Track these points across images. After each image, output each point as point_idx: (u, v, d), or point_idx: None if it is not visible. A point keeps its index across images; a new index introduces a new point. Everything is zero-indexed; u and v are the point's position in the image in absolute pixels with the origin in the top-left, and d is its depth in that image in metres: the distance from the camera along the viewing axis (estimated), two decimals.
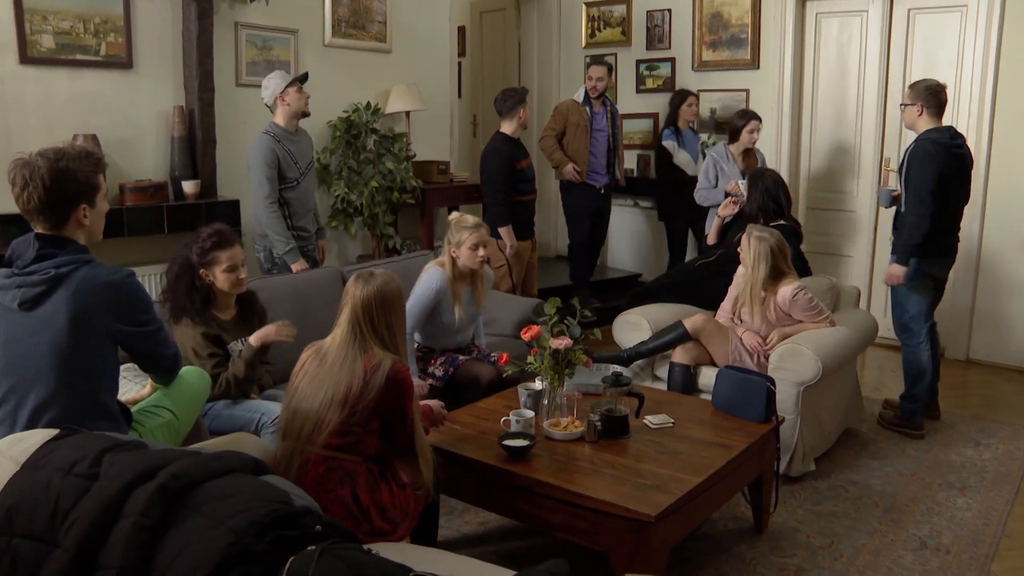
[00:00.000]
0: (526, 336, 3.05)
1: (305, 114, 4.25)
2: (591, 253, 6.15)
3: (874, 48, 5.60)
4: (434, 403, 2.87)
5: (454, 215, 3.71)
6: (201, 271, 3.04)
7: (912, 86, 4.09)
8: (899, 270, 4.00)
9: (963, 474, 3.77)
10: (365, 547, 1.46)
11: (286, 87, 4.14)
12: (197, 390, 2.58)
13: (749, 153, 5.22)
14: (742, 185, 4.81)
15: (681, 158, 6.02)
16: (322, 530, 1.44)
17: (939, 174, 3.91)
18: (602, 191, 5.96)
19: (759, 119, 5.18)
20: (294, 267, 4.18)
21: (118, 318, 2.19)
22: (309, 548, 1.31)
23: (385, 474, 2.49)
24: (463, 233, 3.60)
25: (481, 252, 3.62)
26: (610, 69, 5.93)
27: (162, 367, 2.41)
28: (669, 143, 6.05)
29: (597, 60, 6.09)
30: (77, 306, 2.12)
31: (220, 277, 3.05)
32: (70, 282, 2.13)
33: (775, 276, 3.81)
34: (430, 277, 3.66)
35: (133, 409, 2.41)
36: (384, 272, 2.54)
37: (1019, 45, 5.05)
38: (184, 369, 2.57)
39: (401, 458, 2.55)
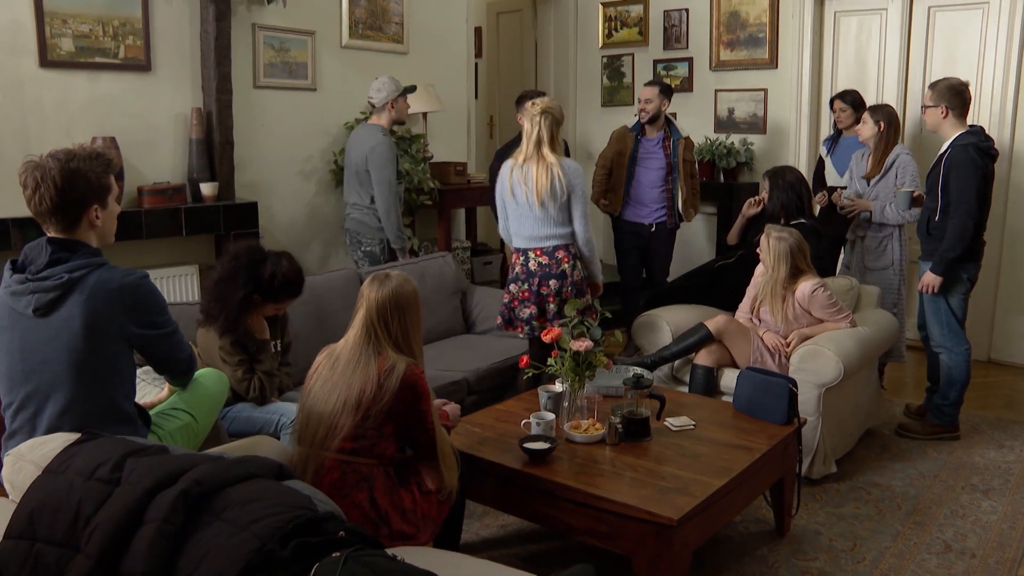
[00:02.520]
0: (547, 338, 3.03)
1: (403, 122, 4.78)
2: (652, 290, 5.24)
3: (893, 47, 5.54)
4: (450, 408, 2.85)
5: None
6: (256, 296, 3.07)
7: (933, 86, 4.00)
8: (936, 280, 3.91)
9: (987, 476, 3.72)
10: (389, 552, 1.45)
11: (398, 95, 4.54)
12: (214, 392, 2.56)
13: (882, 151, 4.53)
14: (848, 199, 4.52)
15: (828, 169, 5.19)
16: (346, 536, 1.43)
17: (983, 182, 3.84)
18: (652, 228, 5.24)
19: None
20: (403, 259, 4.68)
21: (133, 321, 2.18)
22: (334, 555, 1.30)
23: (408, 479, 2.48)
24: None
25: None
26: (665, 90, 5.14)
27: (177, 369, 2.39)
28: (823, 149, 5.28)
29: (650, 81, 5.36)
30: (91, 310, 2.11)
31: (268, 309, 3.14)
32: (84, 286, 2.12)
33: (794, 275, 3.78)
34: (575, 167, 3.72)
35: (152, 412, 2.40)
36: (400, 274, 2.52)
37: None
38: (201, 371, 2.56)
39: (426, 463, 2.53)
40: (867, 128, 4.52)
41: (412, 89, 4.72)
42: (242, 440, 2.72)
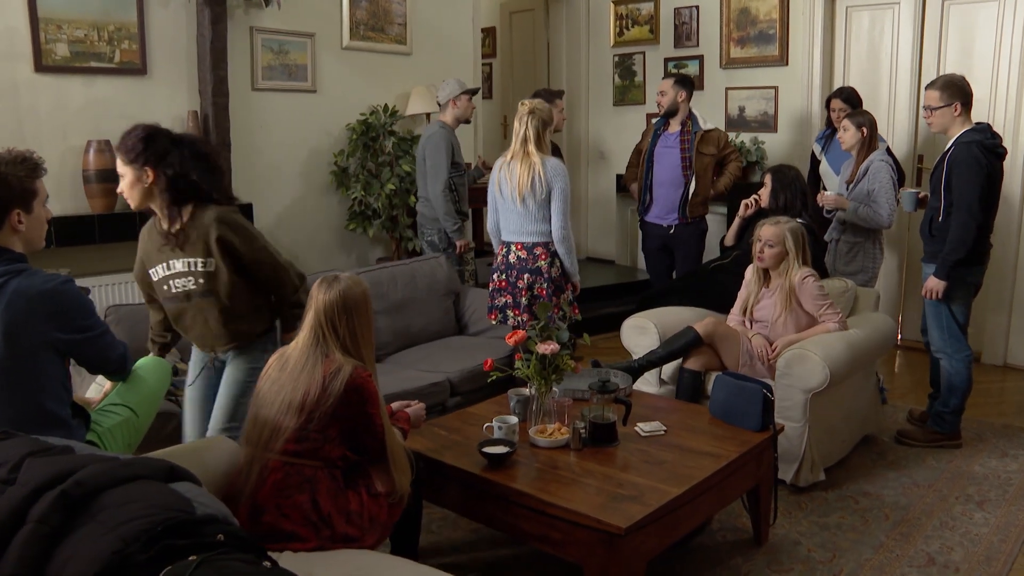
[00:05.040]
0: (510, 341, 2.99)
1: (468, 121, 4.98)
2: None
3: (907, 42, 5.39)
4: (413, 409, 2.83)
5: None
6: None
7: (934, 86, 3.80)
8: (940, 285, 3.77)
9: (984, 487, 3.59)
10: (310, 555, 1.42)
11: (460, 93, 4.79)
12: (153, 385, 2.52)
13: (864, 157, 4.39)
14: (825, 196, 4.36)
15: (823, 167, 5.08)
16: (224, 539, 1.41)
17: (987, 182, 3.68)
18: (672, 230, 5.08)
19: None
20: (460, 244, 4.83)
21: (56, 327, 2.16)
22: (190, 558, 1.28)
23: (356, 482, 2.45)
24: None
25: None
26: (683, 82, 5.00)
27: (110, 369, 2.38)
28: (816, 146, 5.20)
29: (667, 74, 5.21)
30: (10, 319, 2.10)
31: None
32: (2, 294, 2.10)
33: (784, 257, 3.72)
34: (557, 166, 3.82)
35: (95, 408, 2.40)
36: (350, 276, 2.50)
37: None
38: (141, 363, 2.52)
39: (377, 466, 2.51)
40: (850, 135, 4.41)
41: (476, 90, 5.03)
42: (197, 440, 2.73)
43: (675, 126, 5.04)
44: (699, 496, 2.65)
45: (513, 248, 3.86)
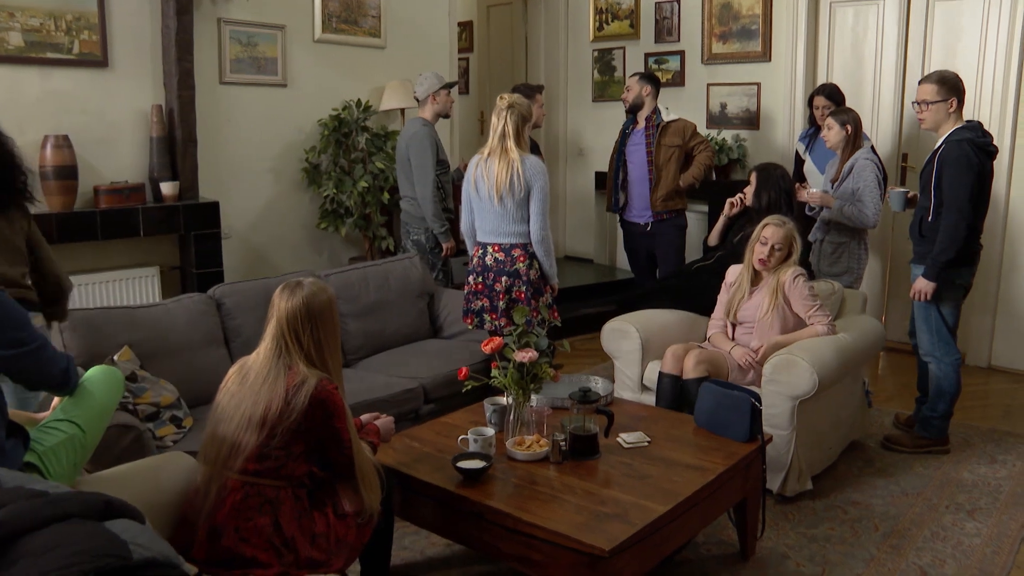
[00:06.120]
0: (487, 349, 2.84)
1: (447, 115, 4.83)
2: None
3: (891, 39, 5.30)
4: (382, 421, 2.68)
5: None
6: None
7: (935, 81, 3.68)
8: (929, 286, 3.67)
9: (974, 494, 3.49)
10: None
11: (440, 88, 4.63)
12: (101, 399, 2.26)
13: (848, 155, 4.32)
14: (810, 193, 4.27)
15: (807, 166, 4.94)
16: None
17: (979, 181, 3.58)
18: (648, 227, 5.05)
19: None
20: (446, 246, 4.65)
21: None
22: None
23: (323, 501, 2.31)
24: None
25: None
26: (646, 77, 5.00)
27: (52, 384, 2.15)
28: (800, 145, 5.10)
29: (634, 73, 5.19)
30: None
31: None
32: None
33: (786, 260, 3.61)
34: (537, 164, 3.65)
35: (36, 427, 2.20)
36: (314, 281, 2.35)
37: None
38: (89, 375, 2.31)
39: (344, 483, 2.36)
40: (834, 133, 4.31)
41: (454, 84, 4.97)
42: (154, 457, 2.56)
43: (641, 123, 5.01)
44: (686, 512, 2.52)
45: (490, 249, 3.70)
